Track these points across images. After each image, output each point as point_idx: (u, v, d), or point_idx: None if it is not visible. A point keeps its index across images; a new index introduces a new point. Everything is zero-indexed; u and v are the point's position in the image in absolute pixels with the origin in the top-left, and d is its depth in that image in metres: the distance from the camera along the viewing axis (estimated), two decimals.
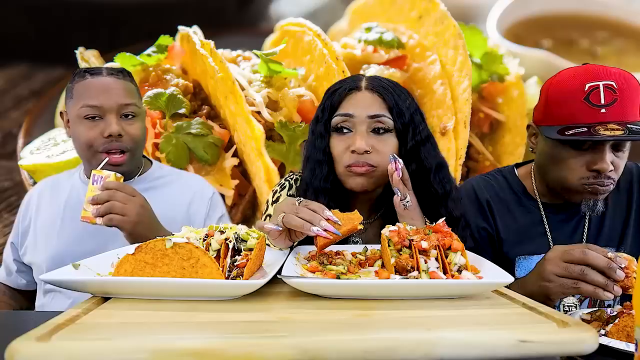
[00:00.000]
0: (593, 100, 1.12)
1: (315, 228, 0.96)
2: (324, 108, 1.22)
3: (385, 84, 1.21)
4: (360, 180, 1.17)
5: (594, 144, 1.14)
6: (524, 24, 2.57)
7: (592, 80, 1.13)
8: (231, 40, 2.25)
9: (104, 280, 0.85)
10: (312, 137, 1.25)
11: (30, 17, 2.59)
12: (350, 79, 1.26)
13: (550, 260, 1.02)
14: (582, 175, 1.16)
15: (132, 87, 1.39)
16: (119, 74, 1.37)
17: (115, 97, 1.32)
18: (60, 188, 1.45)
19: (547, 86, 1.23)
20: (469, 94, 1.92)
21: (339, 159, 1.18)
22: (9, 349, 0.59)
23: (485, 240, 1.29)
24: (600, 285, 0.96)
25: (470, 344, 0.65)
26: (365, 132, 1.16)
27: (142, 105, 1.43)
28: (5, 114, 2.49)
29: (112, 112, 1.32)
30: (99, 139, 1.31)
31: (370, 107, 1.17)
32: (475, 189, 1.33)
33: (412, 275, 0.88)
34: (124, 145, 1.32)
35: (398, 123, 1.18)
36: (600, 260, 0.96)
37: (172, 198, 1.43)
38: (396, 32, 2.13)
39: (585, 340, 0.67)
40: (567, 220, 1.29)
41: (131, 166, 1.38)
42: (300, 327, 0.72)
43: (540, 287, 1.01)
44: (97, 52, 2.11)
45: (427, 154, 1.20)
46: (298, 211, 0.99)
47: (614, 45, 2.54)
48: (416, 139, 1.19)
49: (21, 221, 1.45)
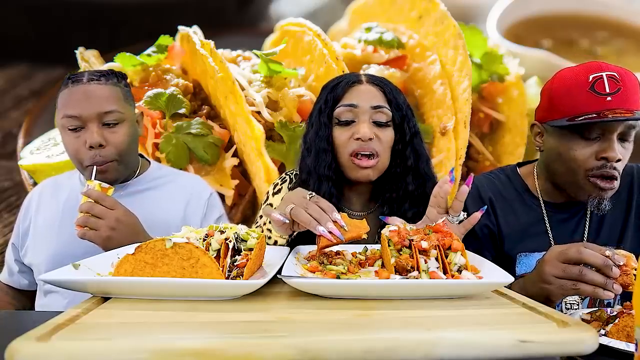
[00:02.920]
0: (598, 89, 1.14)
1: (321, 228, 0.96)
2: (326, 100, 1.28)
3: (383, 79, 1.32)
4: (366, 172, 1.23)
5: (602, 134, 1.16)
6: (524, 24, 2.57)
7: (595, 72, 1.16)
8: (231, 40, 2.25)
9: (104, 280, 0.85)
10: (314, 127, 1.29)
11: (30, 17, 2.59)
12: (349, 75, 1.33)
13: (547, 261, 1.02)
14: (590, 165, 1.17)
15: (117, 91, 1.33)
16: (102, 78, 1.32)
17: (94, 106, 1.28)
18: (60, 189, 1.45)
19: (548, 85, 1.25)
20: (469, 94, 1.92)
21: (343, 148, 1.24)
22: (9, 349, 0.59)
23: (487, 238, 1.30)
24: (600, 285, 0.96)
25: (470, 344, 0.65)
26: (368, 121, 1.23)
27: (131, 108, 1.37)
28: (5, 114, 2.49)
29: (93, 120, 1.28)
30: (82, 150, 1.28)
31: (373, 99, 1.25)
32: (478, 187, 1.34)
33: (412, 275, 0.88)
34: (107, 156, 1.29)
35: (397, 116, 1.26)
36: (597, 258, 0.96)
37: (169, 199, 1.42)
38: (396, 32, 2.13)
39: (585, 340, 0.67)
40: (568, 219, 1.30)
41: (119, 173, 1.35)
42: (300, 327, 0.72)
43: (541, 289, 1.02)
44: (97, 52, 2.10)
45: (418, 146, 1.31)
46: (308, 207, 1.00)
47: (614, 45, 2.54)
48: (411, 131, 1.29)
49: (22, 222, 1.45)
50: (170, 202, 1.41)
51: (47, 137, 2.12)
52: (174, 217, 1.38)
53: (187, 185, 1.47)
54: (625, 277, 0.96)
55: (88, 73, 1.33)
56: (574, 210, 1.30)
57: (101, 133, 1.28)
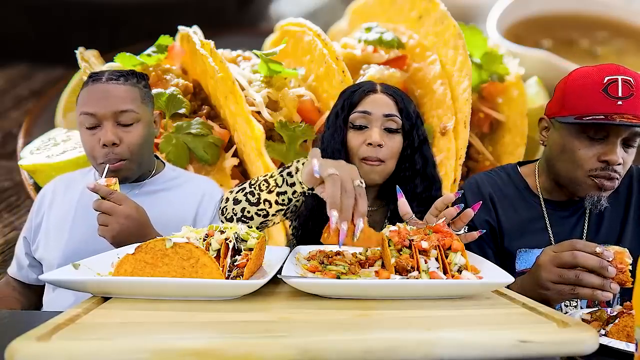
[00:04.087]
0: (611, 91, 1.15)
1: (336, 219, 0.92)
2: (344, 105, 1.38)
3: (397, 90, 1.42)
4: (373, 175, 1.33)
5: (606, 136, 1.17)
6: (524, 24, 2.57)
7: (612, 74, 1.17)
8: (231, 40, 2.25)
9: (104, 280, 0.85)
10: (330, 130, 1.39)
11: (30, 17, 2.58)
12: (365, 83, 1.44)
13: (542, 266, 1.01)
14: (591, 166, 1.19)
15: (134, 91, 1.35)
16: (121, 78, 1.34)
17: (110, 105, 1.30)
18: (74, 186, 1.45)
19: (563, 81, 1.26)
20: (469, 94, 1.92)
21: (355, 151, 1.34)
22: (9, 349, 0.59)
23: (487, 233, 1.31)
24: (598, 287, 0.95)
25: (470, 344, 0.65)
26: (380, 128, 1.33)
27: (148, 108, 1.39)
28: (5, 114, 2.49)
29: (108, 119, 1.30)
30: (97, 148, 1.30)
31: (385, 107, 1.35)
32: (478, 184, 1.37)
33: (412, 275, 0.88)
34: (120, 154, 1.30)
35: (406, 124, 1.36)
36: (592, 261, 0.95)
37: (182, 199, 1.43)
38: (396, 32, 2.13)
39: (586, 341, 0.67)
40: (568, 217, 1.31)
41: (132, 172, 1.36)
42: (300, 327, 0.72)
43: (539, 295, 1.01)
44: (97, 52, 2.10)
45: (426, 152, 1.41)
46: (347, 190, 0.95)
47: (614, 45, 2.54)
48: (419, 138, 1.39)
49: (34, 217, 1.46)
50: (184, 202, 1.42)
51: (47, 137, 2.12)
52: (186, 217, 1.39)
53: (200, 186, 1.48)
54: (621, 275, 0.95)
55: (108, 72, 1.35)
56: (574, 208, 1.31)
57: (115, 132, 1.30)
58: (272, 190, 1.18)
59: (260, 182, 1.21)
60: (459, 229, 1.09)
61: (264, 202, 1.19)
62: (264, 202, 1.19)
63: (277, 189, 1.17)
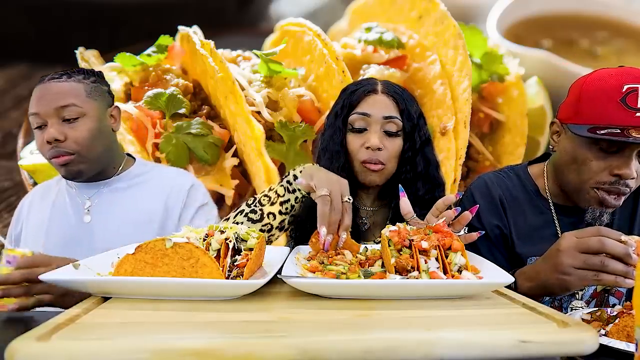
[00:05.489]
0: (630, 102, 1.09)
1: (324, 231, 1.04)
2: (343, 105, 1.35)
3: (398, 89, 1.36)
4: (373, 177, 1.31)
5: (620, 149, 1.11)
6: (524, 24, 2.57)
7: (632, 82, 1.10)
8: (231, 40, 2.26)
9: (104, 280, 0.85)
10: (329, 130, 1.37)
11: (30, 17, 2.59)
12: (366, 82, 1.38)
13: (565, 251, 0.99)
14: (602, 179, 1.14)
15: (78, 86, 1.33)
16: (63, 76, 1.33)
17: (50, 101, 1.29)
18: (49, 192, 1.46)
19: (580, 83, 1.19)
20: (469, 94, 1.92)
21: (355, 154, 1.32)
22: (9, 349, 0.59)
23: (498, 239, 1.28)
24: (622, 274, 0.94)
25: (470, 344, 0.65)
26: (379, 131, 1.30)
27: (96, 103, 1.35)
28: (5, 114, 2.49)
29: (51, 117, 1.29)
30: (45, 146, 1.30)
31: (385, 109, 1.31)
32: (488, 185, 1.32)
33: (412, 275, 0.88)
34: (66, 149, 1.29)
35: (407, 125, 1.32)
36: (619, 248, 0.94)
37: (150, 194, 1.41)
38: (396, 32, 2.13)
39: (586, 341, 0.67)
40: (577, 223, 1.26)
41: (86, 167, 1.34)
42: (300, 327, 0.72)
43: (558, 280, 0.99)
44: (97, 52, 2.11)
45: (428, 153, 1.37)
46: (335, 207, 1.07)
47: (614, 45, 2.54)
48: (421, 140, 1.35)
49: (14, 228, 1.47)
50: (151, 198, 1.41)
51: None
52: (154, 213, 1.38)
53: (167, 178, 1.46)
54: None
55: (53, 73, 1.35)
56: (582, 215, 1.25)
57: (59, 129, 1.30)
58: (274, 202, 1.25)
59: (259, 199, 1.26)
60: (457, 231, 1.09)
61: (268, 215, 1.24)
62: (268, 215, 1.24)
63: (280, 198, 1.24)
